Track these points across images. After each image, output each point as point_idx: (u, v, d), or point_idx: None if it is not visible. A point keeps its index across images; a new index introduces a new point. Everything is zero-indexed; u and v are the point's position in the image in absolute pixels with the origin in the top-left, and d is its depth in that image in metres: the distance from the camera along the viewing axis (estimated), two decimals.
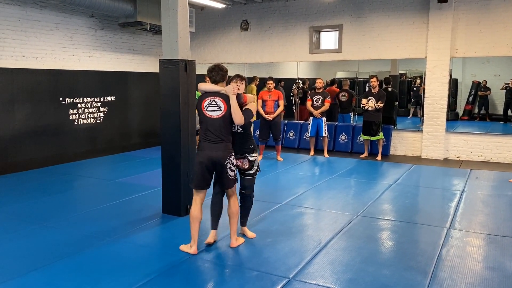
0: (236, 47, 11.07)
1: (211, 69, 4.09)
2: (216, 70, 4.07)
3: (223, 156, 3.96)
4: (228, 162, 3.99)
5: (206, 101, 4.00)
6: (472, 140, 8.98)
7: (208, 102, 3.99)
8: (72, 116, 8.74)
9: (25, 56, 7.83)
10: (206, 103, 3.99)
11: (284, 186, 6.77)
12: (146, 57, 10.52)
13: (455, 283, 3.53)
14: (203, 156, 3.98)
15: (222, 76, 4.09)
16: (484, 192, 6.40)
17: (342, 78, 11.33)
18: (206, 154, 3.96)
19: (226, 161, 3.98)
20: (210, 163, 3.96)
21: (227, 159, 3.98)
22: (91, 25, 9.08)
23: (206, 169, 3.98)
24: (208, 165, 3.97)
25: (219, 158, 3.95)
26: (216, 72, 4.07)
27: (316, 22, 10.11)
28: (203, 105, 4.00)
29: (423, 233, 4.77)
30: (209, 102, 3.98)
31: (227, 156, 3.99)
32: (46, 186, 6.71)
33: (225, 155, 3.97)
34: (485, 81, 11.41)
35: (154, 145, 10.40)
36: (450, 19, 8.68)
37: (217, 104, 3.98)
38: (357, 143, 9.77)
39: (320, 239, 4.48)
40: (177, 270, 3.76)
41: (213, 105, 3.97)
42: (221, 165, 3.97)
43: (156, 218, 5.12)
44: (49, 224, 4.90)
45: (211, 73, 4.09)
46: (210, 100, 3.99)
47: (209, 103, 3.98)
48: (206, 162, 3.96)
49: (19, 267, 3.77)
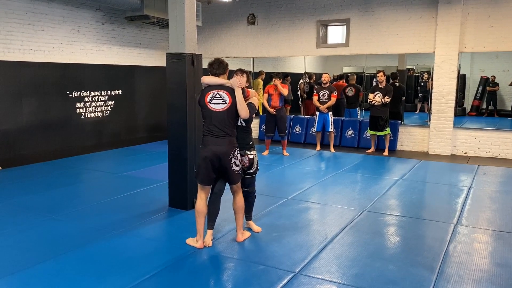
0: (243, 41, 11.04)
1: (212, 63, 4.08)
2: (217, 63, 4.06)
3: (228, 151, 3.93)
4: (232, 157, 3.96)
5: (209, 95, 3.95)
6: (480, 136, 8.91)
7: (211, 96, 3.94)
8: (79, 110, 8.77)
9: (33, 50, 7.86)
10: (209, 97, 3.95)
11: (290, 181, 6.76)
12: (153, 51, 10.52)
13: (462, 279, 3.51)
14: (207, 151, 3.93)
15: (223, 69, 4.07)
16: (491, 188, 6.35)
17: (349, 72, 11.27)
18: (210, 149, 3.92)
19: (231, 156, 3.94)
20: (215, 158, 3.92)
21: (232, 154, 3.95)
22: (98, 18, 9.09)
23: (211, 164, 3.93)
24: (213, 160, 3.92)
25: (224, 153, 3.91)
26: (217, 65, 4.05)
27: (323, 16, 10.04)
28: (207, 99, 3.95)
29: (430, 229, 4.74)
30: (213, 95, 3.94)
31: (232, 150, 3.96)
32: (53, 179, 6.75)
33: (230, 150, 3.94)
34: (493, 77, 11.29)
35: (160, 139, 10.42)
36: (459, 14, 8.59)
37: (221, 97, 3.94)
38: (364, 138, 9.73)
39: (326, 234, 4.47)
40: (184, 263, 3.77)
41: (217, 98, 3.93)
42: (226, 160, 3.93)
43: (163, 212, 5.14)
44: (56, 217, 4.93)
45: (211, 67, 4.06)
46: (214, 93, 3.95)
47: (212, 96, 3.94)
48: (210, 157, 3.91)
49: (27, 259, 3.80)
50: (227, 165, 3.95)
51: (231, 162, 3.96)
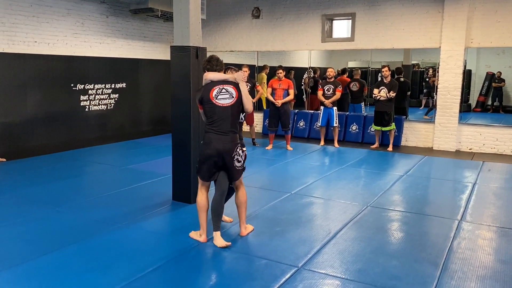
0: (247, 35, 10.99)
1: (209, 60, 4.06)
2: (215, 60, 4.06)
3: (231, 148, 3.91)
4: (235, 154, 3.94)
5: (214, 90, 3.90)
6: (485, 132, 8.86)
7: (217, 91, 3.90)
8: (83, 103, 8.78)
9: (37, 42, 7.85)
10: (215, 92, 3.89)
11: (293, 176, 6.74)
12: (157, 44, 10.49)
13: (466, 275, 3.50)
14: (211, 149, 3.87)
15: (221, 66, 4.08)
16: (496, 185, 6.32)
17: (354, 67, 11.21)
18: (214, 147, 3.86)
19: (234, 153, 3.93)
20: (218, 157, 3.88)
21: (235, 151, 3.94)
22: (103, 11, 9.06)
23: (214, 163, 3.90)
24: (216, 159, 3.88)
25: (228, 151, 3.89)
26: (215, 61, 4.05)
27: (328, 10, 9.98)
28: (212, 94, 3.88)
29: (434, 225, 4.72)
30: (219, 91, 3.90)
31: (235, 148, 3.94)
32: (57, 172, 6.76)
33: (233, 147, 3.92)
34: (499, 72, 11.19)
35: (164, 133, 10.43)
36: (466, 8, 8.51)
37: (228, 91, 3.92)
38: (368, 133, 9.69)
39: (330, 229, 4.46)
40: (186, 257, 3.77)
41: (224, 93, 3.90)
42: (229, 157, 3.91)
43: (166, 205, 5.14)
44: (60, 209, 4.94)
45: (209, 63, 4.04)
46: (219, 88, 3.92)
47: (218, 92, 3.90)
48: (214, 156, 3.87)
49: (31, 251, 3.81)
50: (230, 162, 3.93)
51: (234, 159, 3.94)
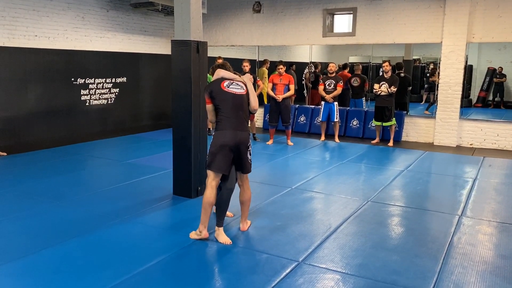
0: (248, 29, 10.95)
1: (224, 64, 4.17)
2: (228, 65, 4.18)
3: (247, 137, 3.92)
4: (250, 145, 3.97)
5: (225, 82, 3.96)
6: (486, 128, 8.84)
7: (228, 83, 3.97)
8: (83, 97, 8.77)
9: (38, 36, 7.83)
10: (226, 83, 3.95)
11: (294, 171, 6.75)
12: (158, 39, 10.46)
13: (466, 270, 3.51)
14: (228, 137, 3.81)
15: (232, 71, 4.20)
16: (497, 180, 6.32)
17: (354, 62, 11.18)
18: (230, 135, 3.82)
19: (249, 144, 3.95)
20: (234, 145, 3.83)
21: (249, 142, 3.97)
22: (103, 5, 9.03)
23: (230, 151, 3.83)
24: (232, 147, 3.83)
25: (244, 141, 3.88)
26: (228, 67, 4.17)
27: (330, 5, 9.94)
28: (223, 85, 3.93)
29: (434, 220, 4.73)
30: (230, 83, 3.98)
31: (249, 138, 3.97)
32: (58, 166, 6.77)
33: (248, 137, 3.94)
34: (500, 68, 11.17)
35: (165, 127, 10.43)
36: (468, 3, 8.47)
37: (238, 84, 4.00)
38: (369, 128, 9.69)
39: (330, 223, 4.47)
40: (188, 251, 3.78)
41: (235, 84, 3.98)
42: (245, 147, 3.89)
43: (167, 200, 5.15)
44: (61, 203, 4.95)
45: (224, 67, 4.14)
46: (230, 81, 3.99)
47: (229, 83, 3.97)
48: (231, 144, 3.81)
49: (32, 245, 3.82)
50: (244, 153, 3.91)
51: (247, 150, 3.94)
